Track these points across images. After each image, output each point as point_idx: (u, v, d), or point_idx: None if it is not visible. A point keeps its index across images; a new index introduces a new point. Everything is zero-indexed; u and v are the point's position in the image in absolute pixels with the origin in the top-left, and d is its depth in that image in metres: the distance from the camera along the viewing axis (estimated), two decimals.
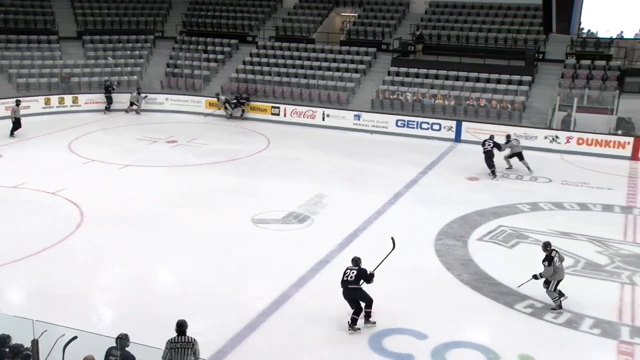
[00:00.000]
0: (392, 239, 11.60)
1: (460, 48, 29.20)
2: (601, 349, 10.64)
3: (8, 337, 7.98)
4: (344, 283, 11.12)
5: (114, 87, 29.15)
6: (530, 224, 16.01)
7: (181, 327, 8.68)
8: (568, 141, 23.64)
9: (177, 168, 20.34)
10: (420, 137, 25.33)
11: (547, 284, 11.73)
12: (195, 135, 25.02)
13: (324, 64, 30.18)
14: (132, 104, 28.96)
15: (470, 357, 10.26)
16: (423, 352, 10.32)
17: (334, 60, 30.42)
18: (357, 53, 30.73)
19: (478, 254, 14.19)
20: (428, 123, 25.58)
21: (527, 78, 26.98)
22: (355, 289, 11.07)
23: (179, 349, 8.46)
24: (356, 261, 11.36)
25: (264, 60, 31.49)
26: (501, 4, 31.62)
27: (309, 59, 30.88)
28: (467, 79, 27.50)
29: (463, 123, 25.10)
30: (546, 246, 11.83)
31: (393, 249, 11.49)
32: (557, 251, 11.87)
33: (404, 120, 26.05)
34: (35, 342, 7.59)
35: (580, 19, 22.19)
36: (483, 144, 20.52)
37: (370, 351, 10.39)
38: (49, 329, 7.84)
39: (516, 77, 27.00)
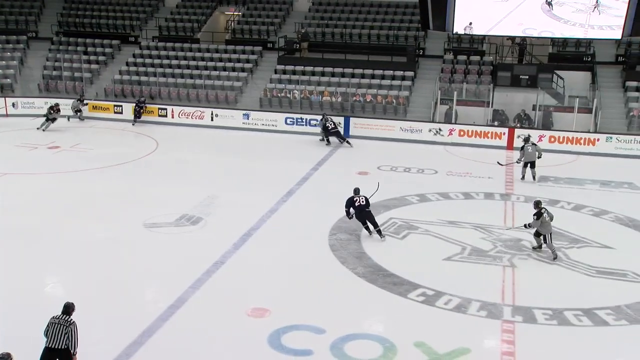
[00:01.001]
0: (378, 183, 16.14)
1: (344, 45, 29.80)
2: (487, 329, 11.23)
3: None
4: (359, 208, 14.87)
5: None
6: (419, 214, 16.63)
7: (67, 308, 9.21)
8: (450, 133, 24.76)
9: (61, 175, 19.40)
10: (310, 134, 25.63)
11: (537, 235, 14.21)
12: (79, 140, 23.99)
13: (210, 64, 29.84)
14: (76, 111, 27.13)
15: (367, 347, 10.51)
16: (322, 346, 10.45)
17: (220, 60, 30.16)
18: (243, 52, 30.62)
19: (371, 247, 14.55)
20: (317, 120, 25.91)
21: (410, 73, 27.97)
22: (368, 212, 14.92)
23: (55, 324, 9.02)
24: (358, 190, 15.18)
25: (148, 61, 30.67)
26: (381, 2, 32.56)
27: (194, 58, 30.41)
28: (353, 76, 28.13)
29: (351, 119, 25.65)
30: (537, 204, 14.17)
31: (377, 189, 15.79)
32: (546, 209, 14.12)
33: (293, 118, 26.27)
34: None
35: (454, 17, 23.32)
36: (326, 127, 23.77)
37: (269, 349, 10.40)
38: None
39: (399, 73, 27.91)
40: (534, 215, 14.03)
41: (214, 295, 12.18)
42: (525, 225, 14.36)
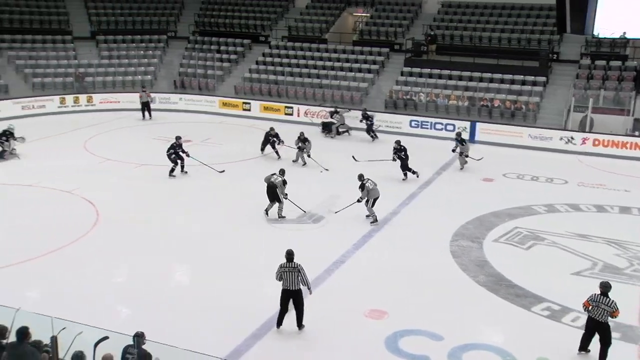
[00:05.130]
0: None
1: (473, 48, 29.10)
2: (621, 352, 10.49)
3: (27, 329, 8.01)
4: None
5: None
6: (546, 225, 15.90)
7: (290, 255, 10.76)
8: (584, 142, 23.48)
9: (192, 168, 20.32)
10: (434, 138, 25.21)
11: (366, 203, 15.77)
12: (209, 135, 25.07)
13: (337, 64, 30.17)
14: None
15: (487, 359, 10.19)
16: (439, 353, 10.26)
17: (347, 60, 30.40)
18: (370, 53, 30.69)
19: (494, 255, 14.12)
20: (442, 123, 25.50)
21: (541, 78, 26.82)
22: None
23: (288, 272, 10.65)
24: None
25: (276, 60, 31.52)
26: (514, 4, 31.46)
27: (321, 59, 30.87)
28: (481, 80, 27.42)
29: (477, 124, 25.00)
30: (360, 177, 15.96)
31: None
32: (369, 179, 15.83)
33: (417, 121, 26.00)
34: (54, 339, 7.62)
35: (594, 19, 22.01)
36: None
37: (386, 351, 10.34)
38: (67, 326, 7.87)
39: (530, 78, 26.87)
40: (359, 187, 15.74)
41: (332, 294, 12.26)
42: (358, 200, 15.78)
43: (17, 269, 13.01)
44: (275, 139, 22.17)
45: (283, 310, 10.86)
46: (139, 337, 8.09)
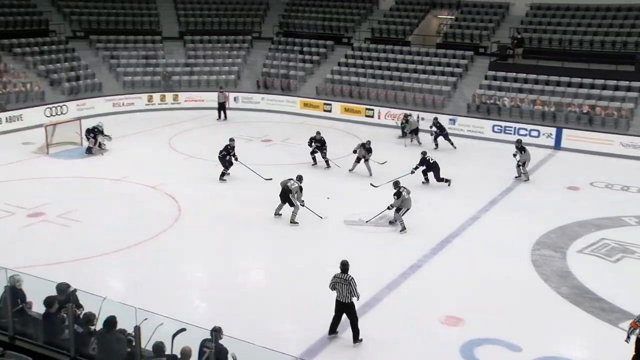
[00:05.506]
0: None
1: (562, 52, 28.05)
2: None
3: (114, 318, 8.32)
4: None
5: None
6: (637, 238, 15.15)
7: (344, 266, 10.61)
8: None
9: (271, 167, 20.55)
10: None
11: (397, 211, 15.32)
12: (289, 135, 25.32)
13: (420, 67, 29.83)
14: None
15: None
16: None
17: (430, 63, 30.01)
18: (454, 56, 30.18)
19: (578, 266, 13.58)
20: (526, 129, 24.73)
21: (637, 84, 25.55)
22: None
23: (340, 283, 10.51)
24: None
25: (359, 61, 31.47)
26: (609, 5, 30.06)
27: (404, 61, 30.59)
28: (569, 85, 26.43)
29: (564, 130, 24.12)
30: (396, 184, 15.57)
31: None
32: (404, 187, 15.44)
33: (500, 126, 25.35)
34: (137, 329, 7.87)
35: None
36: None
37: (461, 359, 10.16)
38: (149, 317, 8.12)
39: (624, 83, 25.65)
40: (394, 195, 15.28)
41: (408, 298, 12.14)
42: (388, 207, 15.44)
43: (104, 260, 13.58)
44: (318, 144, 20.94)
45: (335, 319, 10.70)
46: (217, 332, 8.27)
